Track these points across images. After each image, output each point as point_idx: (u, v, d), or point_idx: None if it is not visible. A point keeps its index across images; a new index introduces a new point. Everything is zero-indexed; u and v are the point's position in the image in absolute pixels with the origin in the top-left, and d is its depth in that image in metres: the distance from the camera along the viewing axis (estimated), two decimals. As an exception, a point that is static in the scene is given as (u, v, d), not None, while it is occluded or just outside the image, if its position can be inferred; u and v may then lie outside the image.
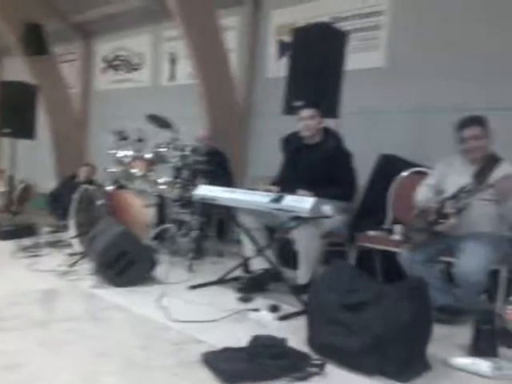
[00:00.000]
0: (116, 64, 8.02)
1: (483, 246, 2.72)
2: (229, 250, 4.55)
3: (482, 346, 2.36)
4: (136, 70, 7.69)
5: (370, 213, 3.92)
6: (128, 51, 7.81)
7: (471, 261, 2.65)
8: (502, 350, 2.41)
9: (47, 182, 7.28)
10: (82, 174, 5.98)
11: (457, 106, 4.04)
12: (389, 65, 4.84)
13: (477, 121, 2.91)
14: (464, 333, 2.51)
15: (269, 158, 3.94)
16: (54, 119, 7.90)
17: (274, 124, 4.83)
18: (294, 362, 2.08)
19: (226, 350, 2.18)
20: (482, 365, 2.15)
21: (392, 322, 2.08)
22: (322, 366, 2.10)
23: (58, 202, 5.77)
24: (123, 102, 7.56)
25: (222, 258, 4.41)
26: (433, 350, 2.26)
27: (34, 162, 8.25)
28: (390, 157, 4.17)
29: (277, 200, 2.91)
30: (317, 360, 2.14)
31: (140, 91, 7.47)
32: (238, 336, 2.34)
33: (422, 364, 2.18)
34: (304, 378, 2.02)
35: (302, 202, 2.81)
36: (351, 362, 2.14)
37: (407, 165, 3.93)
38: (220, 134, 5.44)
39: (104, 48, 8.24)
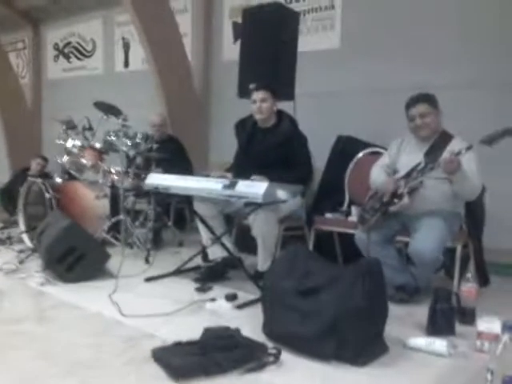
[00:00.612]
0: (67, 51, 7.73)
1: (437, 223, 2.70)
2: (189, 240, 4.43)
3: (439, 325, 2.35)
4: (88, 57, 7.42)
5: (329, 195, 3.88)
6: (79, 38, 7.53)
7: (425, 239, 2.63)
8: (459, 328, 2.40)
9: (1, 176, 6.98)
10: (34, 166, 5.75)
11: (415, 84, 3.97)
12: (344, 45, 4.78)
13: (424, 98, 2.87)
14: (423, 312, 2.48)
15: (230, 143, 3.82)
16: (5, 110, 7.55)
17: (234, 108, 4.68)
18: (247, 352, 2.00)
19: (178, 344, 2.08)
20: (438, 344, 2.13)
21: (346, 306, 2.03)
22: (277, 355, 2.03)
23: (10, 197, 5.53)
24: (77, 90, 7.31)
25: (181, 248, 4.30)
26: (391, 330, 2.22)
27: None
28: (347, 138, 4.12)
29: (230, 186, 2.82)
30: (272, 349, 2.07)
31: (94, 79, 7.24)
32: (193, 328, 2.24)
33: (379, 346, 2.14)
34: (258, 369, 1.94)
35: (255, 188, 2.73)
36: (307, 348, 2.08)
37: (364, 146, 3.89)
38: (177, 121, 5.31)
39: (54, 35, 7.93)
